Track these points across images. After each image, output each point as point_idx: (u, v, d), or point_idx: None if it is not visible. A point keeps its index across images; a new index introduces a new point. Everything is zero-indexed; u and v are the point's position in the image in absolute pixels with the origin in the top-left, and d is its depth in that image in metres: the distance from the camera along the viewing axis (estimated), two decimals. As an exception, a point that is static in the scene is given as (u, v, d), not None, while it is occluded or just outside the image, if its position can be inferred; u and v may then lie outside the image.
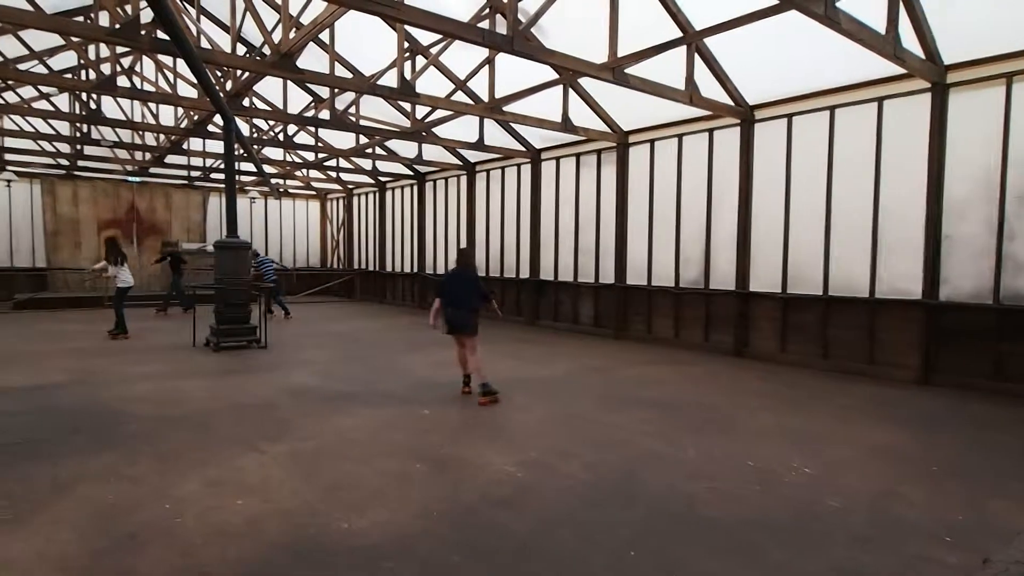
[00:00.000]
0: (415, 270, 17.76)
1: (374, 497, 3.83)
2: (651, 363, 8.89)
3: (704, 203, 10.02)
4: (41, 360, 8.32)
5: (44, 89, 12.49)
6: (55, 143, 15.27)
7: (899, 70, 7.21)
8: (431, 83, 10.34)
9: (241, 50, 12.20)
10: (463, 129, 12.38)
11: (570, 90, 10.02)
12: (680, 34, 7.71)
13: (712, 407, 6.29)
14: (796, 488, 4.07)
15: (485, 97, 10.05)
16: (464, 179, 15.59)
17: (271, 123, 14.05)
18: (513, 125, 12.26)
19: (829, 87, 8.32)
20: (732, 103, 9.08)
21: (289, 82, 11.71)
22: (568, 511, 3.67)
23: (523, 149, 13.04)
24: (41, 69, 11.80)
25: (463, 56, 9.48)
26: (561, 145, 12.57)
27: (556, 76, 9.46)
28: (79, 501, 3.68)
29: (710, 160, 9.94)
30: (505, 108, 9.76)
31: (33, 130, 14.27)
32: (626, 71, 7.44)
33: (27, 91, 12.76)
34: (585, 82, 10.00)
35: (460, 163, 15.11)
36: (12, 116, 13.97)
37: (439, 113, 11.14)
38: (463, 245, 15.37)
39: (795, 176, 8.85)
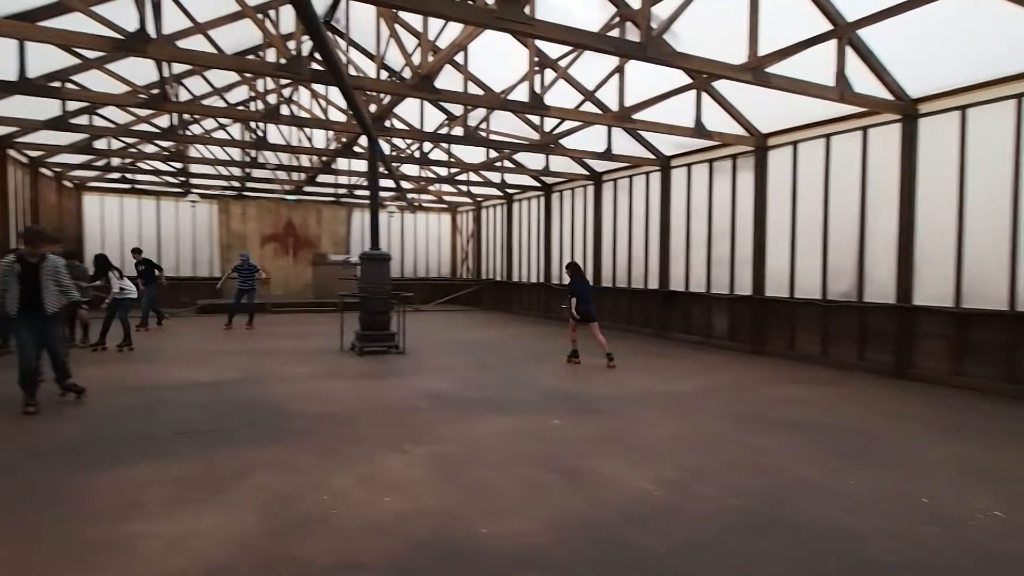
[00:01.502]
0: (541, 280, 17.98)
1: (511, 505, 3.90)
2: (795, 382, 8.25)
3: (857, 208, 9.15)
4: (220, 358, 9.47)
5: (222, 120, 14.29)
6: (229, 168, 17.39)
7: (1111, 47, 6.13)
8: (558, 95, 10.44)
9: (383, 75, 13.14)
10: (590, 139, 12.37)
11: (703, 94, 9.66)
12: (829, 27, 7.16)
13: (871, 433, 5.69)
14: (984, 534, 3.55)
15: (613, 106, 9.97)
16: (591, 189, 15.55)
17: (408, 141, 14.96)
18: (642, 133, 12.03)
19: (1014, 72, 7.26)
20: (891, 97, 8.23)
21: (425, 102, 12.42)
22: (712, 536, 3.48)
23: (652, 157, 12.76)
24: (219, 103, 13.53)
25: (589, 67, 9.49)
26: (693, 151, 12.14)
27: (688, 81, 9.17)
28: (256, 487, 4.12)
29: (864, 161, 9.06)
30: (634, 116, 9.61)
31: (212, 157, 16.37)
32: (767, 70, 7.02)
33: (208, 122, 14.66)
34: (719, 84, 9.58)
35: (587, 173, 15.11)
36: (196, 145, 16.11)
37: (566, 124, 11.24)
38: (586, 257, 15.44)
39: (970, 175, 7.80)
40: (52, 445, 4.99)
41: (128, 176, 18.07)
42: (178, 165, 17.09)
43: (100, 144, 14.10)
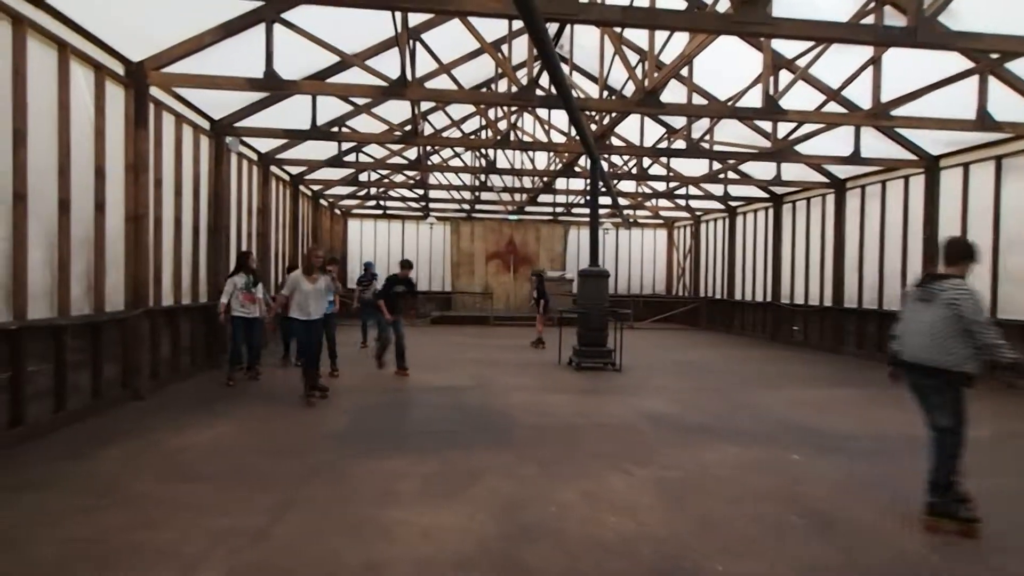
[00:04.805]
0: (768, 299, 16.49)
1: (748, 543, 3.56)
2: None
3: None
4: (452, 366, 10.39)
5: (457, 149, 15.84)
6: (461, 192, 19.18)
7: None
8: (792, 96, 9.48)
9: (605, 95, 13.35)
10: (831, 143, 11.04)
11: (989, 79, 8.00)
12: None
13: None
14: None
15: (864, 104, 8.77)
16: (831, 198, 13.86)
17: (626, 157, 14.94)
18: (900, 131, 10.39)
19: None
20: None
21: (644, 118, 12.29)
22: (1024, 626, 2.77)
23: (913, 158, 10.93)
24: (456, 133, 15.00)
25: (831, 63, 8.44)
26: (970, 148, 10.13)
27: (968, 65, 7.67)
28: (488, 490, 4.37)
29: None
30: (893, 112, 8.32)
31: (447, 183, 18.22)
32: (1093, 39, 5.54)
33: (445, 151, 16.37)
34: (1012, 65, 7.83)
35: (827, 180, 13.52)
36: (435, 172, 18.10)
37: (802, 129, 10.19)
38: (825, 274, 13.82)
39: None
40: (332, 433, 5.89)
41: (381, 203, 20.99)
42: (419, 191, 19.34)
43: (362, 177, 16.61)
